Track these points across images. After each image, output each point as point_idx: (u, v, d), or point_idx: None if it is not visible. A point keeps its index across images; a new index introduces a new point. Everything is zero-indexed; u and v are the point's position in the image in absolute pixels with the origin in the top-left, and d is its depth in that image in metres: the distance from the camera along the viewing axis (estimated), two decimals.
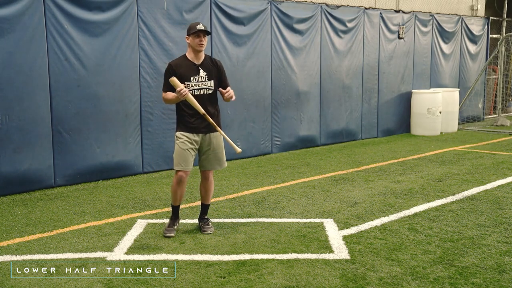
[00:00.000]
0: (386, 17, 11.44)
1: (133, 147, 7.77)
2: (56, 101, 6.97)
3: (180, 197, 5.15)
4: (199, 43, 4.94)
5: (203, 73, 5.01)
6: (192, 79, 4.98)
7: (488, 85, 14.88)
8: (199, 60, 5.04)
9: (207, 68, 5.04)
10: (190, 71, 4.99)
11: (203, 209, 5.31)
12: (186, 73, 4.98)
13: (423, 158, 9.06)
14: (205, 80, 5.01)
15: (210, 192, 5.27)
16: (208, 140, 5.07)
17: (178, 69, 4.98)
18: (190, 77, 4.98)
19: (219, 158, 5.16)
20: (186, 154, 5.00)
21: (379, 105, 11.61)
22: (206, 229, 5.15)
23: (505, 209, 5.88)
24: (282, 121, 9.71)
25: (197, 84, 4.99)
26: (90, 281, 4.05)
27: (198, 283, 4.01)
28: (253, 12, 9.04)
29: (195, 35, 4.94)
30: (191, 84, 4.98)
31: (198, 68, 5.01)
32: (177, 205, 5.20)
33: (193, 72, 4.99)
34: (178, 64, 5.04)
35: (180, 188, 5.09)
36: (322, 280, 4.04)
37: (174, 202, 5.18)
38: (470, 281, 4.02)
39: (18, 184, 6.71)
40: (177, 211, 5.22)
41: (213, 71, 5.07)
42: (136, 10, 7.64)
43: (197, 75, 4.99)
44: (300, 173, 7.92)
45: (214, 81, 5.07)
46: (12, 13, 6.49)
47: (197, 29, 4.92)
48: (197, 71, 5.00)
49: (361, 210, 5.91)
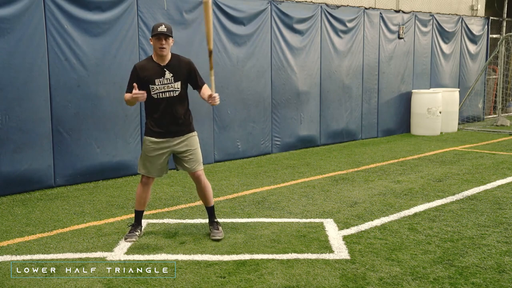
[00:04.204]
0: (386, 17, 11.44)
1: (133, 147, 7.77)
2: (56, 101, 6.97)
3: (144, 201, 5.02)
4: (159, 47, 4.67)
5: (168, 74, 4.74)
6: (157, 81, 4.73)
7: (488, 85, 14.88)
8: (164, 61, 4.77)
9: (173, 69, 4.77)
10: (154, 74, 4.73)
11: (208, 212, 5.14)
12: (150, 75, 4.73)
13: (423, 158, 9.06)
14: (170, 82, 4.75)
15: (207, 193, 5.05)
16: (179, 143, 4.86)
17: (142, 72, 4.75)
18: (154, 80, 4.73)
19: (194, 159, 4.93)
20: (149, 159, 4.87)
21: (379, 105, 11.61)
22: (215, 234, 4.96)
23: (505, 209, 5.88)
24: (282, 121, 9.71)
25: (162, 86, 4.74)
26: (90, 281, 4.05)
27: (198, 283, 4.01)
28: (253, 12, 9.05)
29: (156, 38, 4.67)
30: (155, 87, 4.73)
31: (164, 70, 4.75)
32: (140, 210, 5.06)
33: (157, 75, 4.73)
34: (142, 66, 4.81)
35: (143, 192, 4.97)
36: (322, 280, 4.04)
37: (137, 207, 5.05)
38: (470, 281, 4.02)
39: (18, 184, 6.71)
40: (139, 217, 5.08)
41: (180, 72, 4.80)
42: (136, 10, 7.64)
43: (162, 77, 4.73)
44: (300, 173, 7.92)
45: (182, 82, 4.81)
46: (12, 13, 6.49)
47: (158, 31, 4.64)
48: (162, 73, 4.74)
49: (361, 210, 5.91)
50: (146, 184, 4.97)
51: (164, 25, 4.71)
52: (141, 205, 5.05)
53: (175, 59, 4.84)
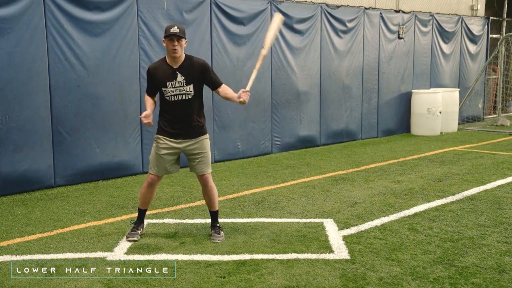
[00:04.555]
0: (386, 17, 11.44)
1: (133, 147, 7.77)
2: (56, 101, 6.97)
3: (148, 200, 5.02)
4: (172, 48, 4.62)
5: (180, 77, 4.68)
6: (169, 84, 4.69)
7: (488, 85, 14.88)
8: (177, 63, 4.71)
9: (186, 72, 4.70)
10: (166, 76, 4.69)
11: (212, 216, 5.10)
12: (162, 78, 4.70)
13: (423, 158, 9.06)
14: (182, 85, 4.69)
15: (213, 197, 5.00)
16: (191, 145, 4.84)
17: (155, 74, 4.75)
18: (166, 83, 4.69)
19: (204, 162, 4.91)
20: (160, 159, 4.86)
21: (379, 105, 11.61)
22: (215, 237, 4.91)
23: (505, 209, 5.88)
24: (282, 121, 9.71)
25: (174, 89, 4.69)
26: (90, 281, 4.05)
27: (198, 283, 4.01)
28: (253, 12, 9.05)
29: (169, 39, 4.62)
30: (167, 90, 4.70)
31: (176, 73, 4.69)
32: (144, 208, 5.06)
33: (169, 77, 4.68)
34: (155, 68, 4.80)
35: (149, 191, 4.96)
36: (322, 280, 4.04)
37: (141, 205, 5.04)
38: (470, 281, 4.02)
39: (18, 184, 6.71)
40: (142, 215, 5.08)
41: (193, 74, 4.71)
42: (136, 10, 7.64)
43: (173, 80, 4.68)
44: (300, 173, 7.92)
45: (195, 85, 4.74)
46: (12, 13, 6.48)
47: (170, 32, 4.59)
48: (174, 75, 4.68)
49: (361, 210, 5.91)
50: (152, 184, 4.96)
51: (177, 26, 4.65)
52: (145, 204, 5.05)
53: (188, 61, 4.75)
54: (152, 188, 4.98)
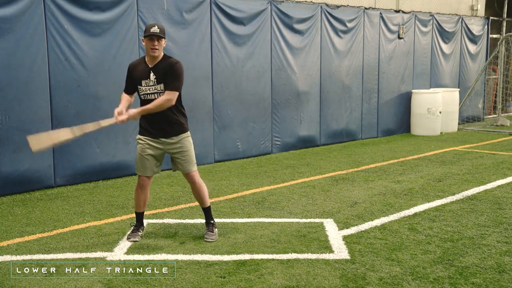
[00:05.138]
0: (386, 17, 11.44)
1: (133, 147, 7.77)
2: (56, 101, 6.97)
3: (142, 203, 5.02)
4: (151, 48, 4.68)
5: (152, 76, 4.75)
6: (143, 82, 4.79)
7: (488, 85, 14.88)
8: (153, 62, 4.78)
9: (158, 71, 4.75)
10: (142, 74, 4.79)
11: (204, 213, 5.13)
12: (139, 76, 4.81)
13: (423, 158, 9.06)
14: (154, 84, 4.76)
15: (202, 194, 5.01)
16: (172, 144, 4.85)
17: (133, 72, 4.86)
18: (141, 81, 4.79)
19: (187, 160, 4.91)
20: (144, 159, 4.88)
21: (379, 105, 11.61)
22: (208, 236, 4.95)
23: (505, 209, 5.88)
24: (282, 121, 9.71)
25: (147, 88, 4.78)
26: (90, 281, 4.05)
27: (198, 283, 4.01)
28: (253, 12, 9.05)
29: (148, 39, 4.67)
30: (142, 88, 4.80)
31: (150, 71, 4.76)
32: (140, 211, 5.06)
33: (144, 76, 4.78)
34: (134, 66, 4.90)
35: (141, 193, 4.97)
36: (322, 280, 4.04)
37: (137, 208, 5.05)
38: (470, 281, 4.02)
39: (18, 184, 6.71)
40: (140, 218, 5.08)
41: (162, 73, 4.75)
42: (136, 10, 7.64)
43: (147, 78, 4.77)
44: (300, 173, 7.92)
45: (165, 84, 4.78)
46: (12, 13, 6.48)
47: (150, 32, 4.65)
48: (148, 74, 4.76)
49: (361, 210, 5.91)
50: (143, 186, 4.96)
51: (157, 26, 4.71)
52: (140, 207, 5.06)
53: (163, 61, 4.80)
54: (144, 190, 4.98)
